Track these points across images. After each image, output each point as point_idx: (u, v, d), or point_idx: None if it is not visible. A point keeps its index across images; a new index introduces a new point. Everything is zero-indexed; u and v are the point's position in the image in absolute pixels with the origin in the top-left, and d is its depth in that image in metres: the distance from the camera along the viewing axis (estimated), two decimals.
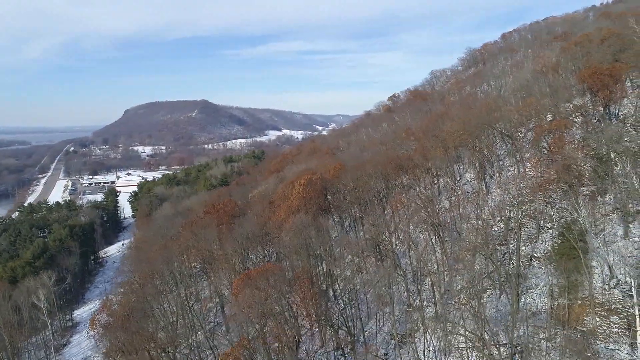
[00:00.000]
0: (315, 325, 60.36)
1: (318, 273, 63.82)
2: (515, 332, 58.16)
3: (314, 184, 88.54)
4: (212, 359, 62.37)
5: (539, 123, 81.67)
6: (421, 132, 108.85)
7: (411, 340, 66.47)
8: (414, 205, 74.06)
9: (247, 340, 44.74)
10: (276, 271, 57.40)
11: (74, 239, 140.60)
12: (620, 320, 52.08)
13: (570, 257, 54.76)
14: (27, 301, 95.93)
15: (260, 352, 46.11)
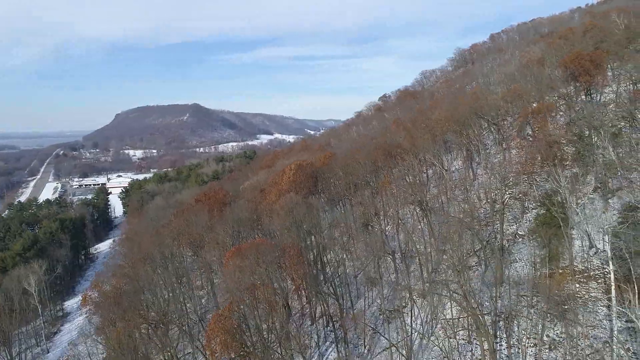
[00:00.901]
0: (303, 294, 61.45)
1: (307, 247, 64.93)
2: (499, 301, 60.10)
3: (304, 168, 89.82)
4: (202, 333, 63.11)
5: (524, 107, 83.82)
6: (410, 123, 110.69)
7: (399, 315, 67.77)
8: (401, 186, 75.41)
9: (237, 303, 45.75)
10: (266, 245, 58.50)
11: (65, 232, 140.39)
12: (598, 286, 54.04)
13: (551, 226, 56.61)
14: (18, 288, 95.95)
15: (250, 315, 47.11)
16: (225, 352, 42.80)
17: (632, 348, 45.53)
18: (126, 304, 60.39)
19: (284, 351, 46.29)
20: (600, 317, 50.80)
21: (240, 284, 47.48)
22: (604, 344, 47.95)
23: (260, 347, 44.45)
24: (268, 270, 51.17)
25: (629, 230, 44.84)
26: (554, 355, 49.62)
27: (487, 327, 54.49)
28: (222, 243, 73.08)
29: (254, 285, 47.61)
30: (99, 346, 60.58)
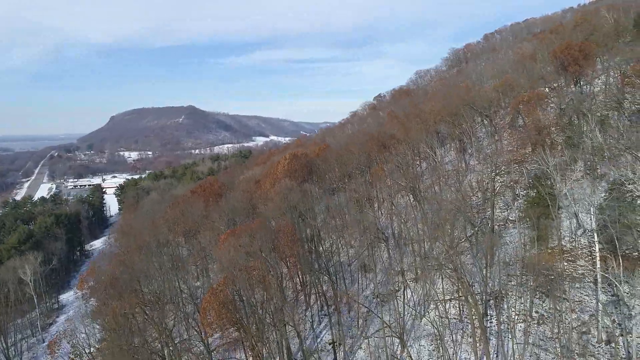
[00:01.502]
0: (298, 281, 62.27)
1: (301, 229, 65.72)
2: (490, 282, 61.29)
3: (299, 158, 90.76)
4: (197, 316, 63.81)
5: (515, 97, 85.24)
6: (404, 116, 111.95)
7: (392, 298, 68.69)
8: (394, 174, 76.52)
9: (231, 278, 46.53)
10: (261, 226, 59.29)
11: (60, 227, 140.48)
12: (585, 263, 55.33)
13: (540, 206, 57.88)
14: (14, 278, 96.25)
15: (244, 291, 47.85)
16: (220, 323, 43.59)
17: (617, 319, 46.75)
18: (122, 286, 61.01)
19: (278, 325, 47.07)
20: (588, 292, 52.10)
21: (234, 261, 48.25)
22: (590, 317, 49.19)
23: (254, 321, 45.24)
24: (262, 248, 51.93)
25: (613, 202, 46.13)
26: (542, 330, 50.78)
27: (478, 305, 55.53)
28: (216, 229, 73.82)
29: (248, 261, 48.40)
30: (95, 327, 61.00)
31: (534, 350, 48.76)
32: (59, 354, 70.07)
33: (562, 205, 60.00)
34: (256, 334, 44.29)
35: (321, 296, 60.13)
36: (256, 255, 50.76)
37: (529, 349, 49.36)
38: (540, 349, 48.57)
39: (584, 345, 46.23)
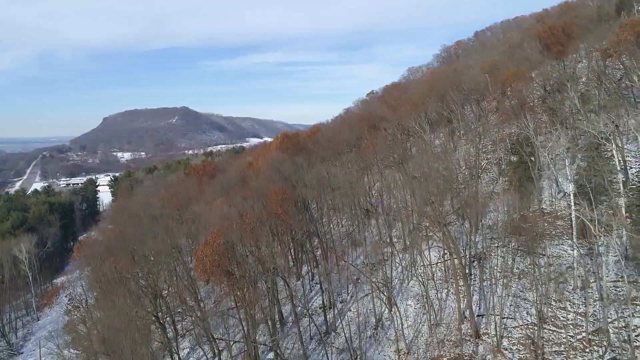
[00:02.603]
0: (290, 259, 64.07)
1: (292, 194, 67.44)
2: (474, 247, 63.69)
3: (290, 138, 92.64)
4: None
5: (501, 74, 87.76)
6: (393, 100, 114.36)
7: (381, 267, 70.71)
8: (383, 147, 78.75)
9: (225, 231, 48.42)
10: (253, 192, 61.15)
11: (54, 214, 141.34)
12: (565, 223, 57.79)
13: (521, 169, 60.37)
14: (9, 257, 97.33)
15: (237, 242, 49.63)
16: (215, 270, 45.38)
17: (592, 269, 49.12)
18: (117, 251, 62.50)
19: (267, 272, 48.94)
20: (565, 248, 54.53)
21: (226, 216, 50.09)
22: (567, 269, 51.56)
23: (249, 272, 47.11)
24: (253, 207, 53.85)
25: (588, 153, 48.59)
26: (522, 283, 53.08)
27: (463, 261, 57.62)
28: (209, 200, 75.57)
29: (241, 216, 50.32)
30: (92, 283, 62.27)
31: (514, 301, 51.00)
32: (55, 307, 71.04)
33: (542, 168, 62.52)
34: (247, 281, 46.15)
35: (312, 260, 61.90)
36: (248, 210, 52.64)
37: (509, 299, 51.63)
38: (520, 299, 50.84)
39: (561, 292, 48.56)
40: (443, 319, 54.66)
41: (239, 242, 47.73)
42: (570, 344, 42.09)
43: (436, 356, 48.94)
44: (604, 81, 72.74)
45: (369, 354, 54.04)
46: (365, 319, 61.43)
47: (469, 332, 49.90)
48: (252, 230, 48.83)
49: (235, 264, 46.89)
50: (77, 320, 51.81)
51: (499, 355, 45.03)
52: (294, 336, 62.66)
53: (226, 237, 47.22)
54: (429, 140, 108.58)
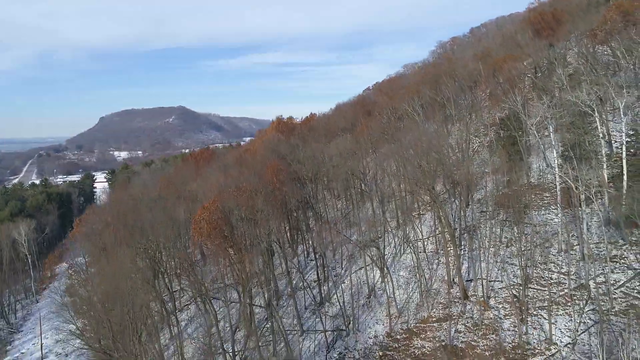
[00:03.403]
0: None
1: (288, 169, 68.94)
2: (464, 221, 65.55)
3: (286, 124, 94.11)
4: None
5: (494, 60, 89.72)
6: (388, 89, 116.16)
7: (375, 245, 72.44)
8: (377, 129, 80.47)
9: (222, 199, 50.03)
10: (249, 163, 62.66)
11: (52, 203, 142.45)
12: (551, 195, 59.71)
13: (509, 143, 62.27)
14: (8, 239, 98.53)
15: (234, 211, 51.25)
16: (212, 232, 46.95)
17: (575, 234, 50.98)
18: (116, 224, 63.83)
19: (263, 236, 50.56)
20: (552, 217, 56.41)
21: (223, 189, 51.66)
22: (553, 235, 53.43)
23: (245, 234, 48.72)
24: (250, 178, 55.44)
25: (572, 120, 50.46)
26: (510, 250, 54.90)
27: (454, 236, 59.35)
28: (207, 179, 77.11)
29: (238, 186, 51.93)
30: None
31: (502, 266, 52.80)
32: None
33: (529, 144, 64.47)
34: (242, 246, 47.74)
35: (306, 235, 63.55)
36: (244, 182, 54.26)
37: (497, 265, 53.47)
38: (507, 264, 52.65)
39: (546, 255, 50.43)
40: (433, 286, 56.44)
41: (234, 208, 49.29)
42: (553, 300, 43.90)
43: (426, 317, 50.69)
44: (591, 61, 74.80)
45: (362, 319, 55.69)
46: (359, 289, 63.12)
47: (458, 295, 51.66)
48: (248, 197, 50.39)
49: (231, 227, 48.45)
50: (78, 284, 53.13)
51: (486, 312, 46.80)
52: (290, 307, 64.33)
53: (223, 203, 48.79)
54: (422, 123, 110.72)
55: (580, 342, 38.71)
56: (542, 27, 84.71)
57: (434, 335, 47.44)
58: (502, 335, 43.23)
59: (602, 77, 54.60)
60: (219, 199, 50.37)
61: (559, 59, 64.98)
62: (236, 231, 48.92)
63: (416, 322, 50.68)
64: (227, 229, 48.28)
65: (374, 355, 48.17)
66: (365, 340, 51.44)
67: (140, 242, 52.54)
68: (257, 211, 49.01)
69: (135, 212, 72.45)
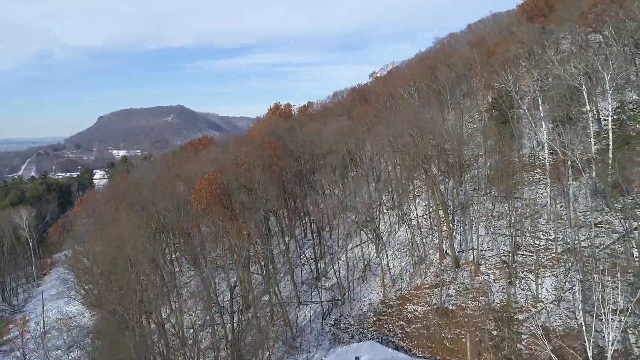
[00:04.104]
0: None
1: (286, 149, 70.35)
2: (457, 199, 67.10)
3: (283, 110, 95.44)
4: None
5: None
6: (385, 77, 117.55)
7: (371, 224, 73.93)
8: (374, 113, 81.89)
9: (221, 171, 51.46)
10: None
11: (51, 193, 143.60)
12: (541, 171, 61.32)
13: (500, 121, 63.84)
14: (9, 224, 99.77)
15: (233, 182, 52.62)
16: (211, 200, 48.34)
17: (564, 206, 52.52)
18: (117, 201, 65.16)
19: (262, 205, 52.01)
20: (542, 191, 57.98)
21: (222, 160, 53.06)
22: (542, 207, 54.99)
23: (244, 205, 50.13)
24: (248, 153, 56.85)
25: (560, 93, 51.98)
26: (501, 223, 56.44)
27: (447, 212, 60.85)
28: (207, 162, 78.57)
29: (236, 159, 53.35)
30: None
31: (493, 237, 54.34)
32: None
33: (521, 122, 66.07)
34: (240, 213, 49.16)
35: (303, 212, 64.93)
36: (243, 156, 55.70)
37: (488, 236, 55.03)
38: (498, 235, 54.19)
39: (535, 225, 52.00)
40: (427, 258, 57.97)
41: (233, 179, 50.72)
42: (541, 264, 45.45)
43: (419, 284, 52.20)
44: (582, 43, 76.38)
45: (357, 290, 57.19)
46: (354, 264, 64.62)
47: (450, 265, 53.17)
48: (246, 169, 51.83)
49: (229, 198, 49.86)
50: (80, 255, 54.48)
51: (476, 278, 48.32)
52: (287, 282, 65.80)
53: (223, 176, 50.19)
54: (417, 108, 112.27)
55: (565, 298, 40.28)
56: (535, 15, 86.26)
57: (426, 300, 48.95)
58: (491, 297, 44.78)
59: (590, 54, 56.06)
60: (217, 170, 51.78)
61: (550, 40, 66.51)
62: (234, 198, 50.31)
63: (409, 289, 52.18)
64: (226, 199, 49.70)
65: (368, 320, 49.65)
66: (360, 307, 52.93)
67: (142, 211, 53.88)
68: (254, 181, 50.37)
69: (136, 190, 73.95)
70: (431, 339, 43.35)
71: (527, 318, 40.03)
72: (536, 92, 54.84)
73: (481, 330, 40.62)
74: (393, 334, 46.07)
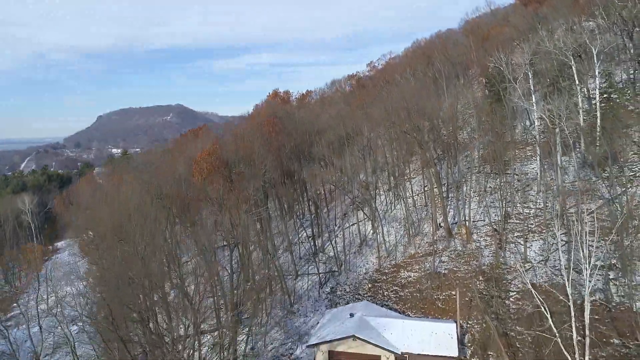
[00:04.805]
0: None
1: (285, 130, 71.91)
2: (452, 176, 68.69)
3: (282, 97, 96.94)
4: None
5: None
6: (382, 66, 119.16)
7: (368, 204, 75.49)
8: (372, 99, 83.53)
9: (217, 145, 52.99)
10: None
11: (52, 183, 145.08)
12: (532, 148, 62.95)
13: (494, 99, 65.51)
14: (12, 208, 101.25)
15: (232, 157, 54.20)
16: (212, 170, 49.86)
17: (554, 177, 54.10)
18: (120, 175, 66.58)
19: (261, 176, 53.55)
20: (533, 166, 59.59)
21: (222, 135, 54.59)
22: (532, 180, 56.64)
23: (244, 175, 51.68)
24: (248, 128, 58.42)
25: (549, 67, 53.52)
26: (493, 197, 58.03)
27: (441, 191, 62.44)
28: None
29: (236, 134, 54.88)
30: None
31: (485, 209, 55.91)
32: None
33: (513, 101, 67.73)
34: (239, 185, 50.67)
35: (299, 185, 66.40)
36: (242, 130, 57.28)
37: (481, 210, 56.62)
38: (490, 207, 55.77)
39: (525, 197, 53.62)
40: (421, 231, 59.56)
41: (233, 152, 52.33)
42: (530, 229, 47.07)
43: (412, 253, 53.79)
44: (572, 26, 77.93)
45: (353, 262, 58.73)
46: (351, 241, 66.17)
47: (444, 235, 54.77)
48: (246, 144, 53.38)
49: (229, 169, 51.43)
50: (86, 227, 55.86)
51: (468, 245, 49.93)
52: (286, 258, 67.34)
53: (223, 149, 51.80)
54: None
55: (552, 258, 41.89)
56: (529, 1, 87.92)
57: (419, 267, 50.54)
58: (482, 261, 46.37)
59: (579, 31, 57.69)
60: (217, 142, 53.39)
61: (542, 21, 68.18)
62: (234, 170, 51.88)
63: (404, 258, 53.77)
64: (226, 171, 51.24)
65: (363, 287, 51.22)
66: (355, 277, 54.50)
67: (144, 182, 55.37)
68: (253, 153, 51.93)
69: (137, 170, 75.42)
70: (424, 301, 44.95)
71: (515, 277, 41.63)
72: (527, 65, 56.35)
73: (471, 291, 42.21)
74: (387, 299, 47.62)
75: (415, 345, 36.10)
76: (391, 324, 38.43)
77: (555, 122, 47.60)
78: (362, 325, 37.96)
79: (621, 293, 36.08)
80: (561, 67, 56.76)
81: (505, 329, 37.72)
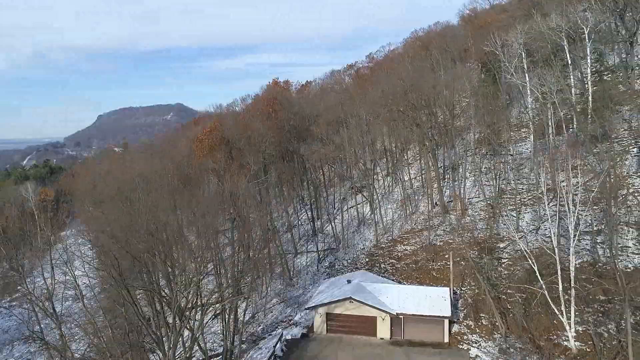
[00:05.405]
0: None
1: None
2: (449, 159, 70.10)
3: (282, 86, 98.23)
4: None
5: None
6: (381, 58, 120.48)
7: (367, 189, 76.85)
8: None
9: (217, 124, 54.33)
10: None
11: (54, 174, 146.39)
12: (526, 130, 64.33)
13: (490, 82, 66.88)
14: (15, 195, 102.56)
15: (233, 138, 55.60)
16: (213, 147, 51.22)
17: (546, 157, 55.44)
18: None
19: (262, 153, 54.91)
20: (527, 147, 60.95)
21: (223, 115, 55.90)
22: (526, 159, 58.02)
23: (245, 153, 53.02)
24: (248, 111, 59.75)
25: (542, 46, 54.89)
26: (488, 176, 59.39)
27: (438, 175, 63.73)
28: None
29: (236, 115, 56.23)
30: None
31: (480, 187, 57.28)
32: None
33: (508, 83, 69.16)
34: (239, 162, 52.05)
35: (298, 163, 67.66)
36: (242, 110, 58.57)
37: (476, 187, 58.01)
38: (485, 185, 57.13)
39: (519, 174, 55.02)
40: (418, 210, 60.94)
41: (233, 130, 53.71)
42: (522, 202, 48.45)
43: (409, 229, 55.17)
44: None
45: (351, 239, 60.13)
46: (350, 222, 67.58)
47: (439, 212, 56.15)
48: (246, 122, 54.78)
49: (229, 146, 52.82)
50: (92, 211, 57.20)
51: (463, 220, 51.31)
52: (287, 239, 68.68)
53: (224, 127, 53.19)
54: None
55: (543, 227, 43.27)
56: None
57: (415, 240, 51.93)
58: (475, 233, 47.74)
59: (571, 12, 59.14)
60: (218, 120, 54.78)
61: (537, 7, 69.58)
62: (234, 146, 53.29)
63: (400, 233, 55.16)
64: (226, 148, 52.61)
65: (361, 261, 52.60)
66: (353, 252, 55.90)
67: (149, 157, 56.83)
68: (253, 129, 53.31)
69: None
70: (419, 271, 46.33)
71: (508, 245, 43.01)
72: (520, 45, 57.75)
73: (465, 260, 43.55)
74: (384, 271, 48.99)
75: (410, 307, 37.45)
76: (387, 289, 39.82)
77: (547, 97, 48.89)
78: (358, 289, 39.33)
79: (607, 254, 37.46)
80: (555, 50, 58.08)
81: (498, 293, 39.08)
